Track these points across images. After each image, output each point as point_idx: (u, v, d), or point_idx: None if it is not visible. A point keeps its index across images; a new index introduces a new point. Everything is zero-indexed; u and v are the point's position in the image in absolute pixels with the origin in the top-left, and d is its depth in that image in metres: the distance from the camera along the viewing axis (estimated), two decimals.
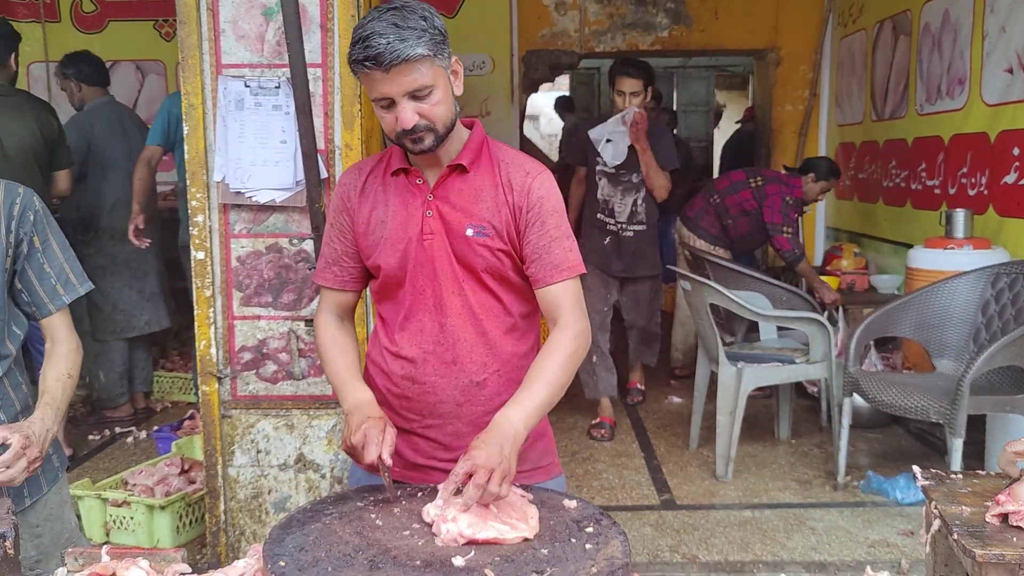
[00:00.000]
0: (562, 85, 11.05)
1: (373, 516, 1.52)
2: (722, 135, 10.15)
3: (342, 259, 1.86)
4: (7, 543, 1.44)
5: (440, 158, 1.74)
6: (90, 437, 4.59)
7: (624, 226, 4.53)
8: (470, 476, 1.47)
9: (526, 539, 1.43)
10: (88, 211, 4.60)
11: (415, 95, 1.62)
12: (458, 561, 1.34)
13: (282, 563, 1.33)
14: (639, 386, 5.14)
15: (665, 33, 6.33)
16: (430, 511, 1.47)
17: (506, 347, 1.79)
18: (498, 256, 1.74)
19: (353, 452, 1.67)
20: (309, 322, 2.74)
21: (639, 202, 4.51)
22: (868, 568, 1.54)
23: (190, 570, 1.50)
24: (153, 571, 1.47)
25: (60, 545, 1.92)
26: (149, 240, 4.41)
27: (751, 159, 7.09)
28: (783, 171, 5.13)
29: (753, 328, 4.48)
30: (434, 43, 1.61)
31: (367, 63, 1.59)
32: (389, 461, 1.62)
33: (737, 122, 9.15)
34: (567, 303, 1.75)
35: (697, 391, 4.32)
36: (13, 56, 4.05)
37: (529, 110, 8.94)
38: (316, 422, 2.79)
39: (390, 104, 1.64)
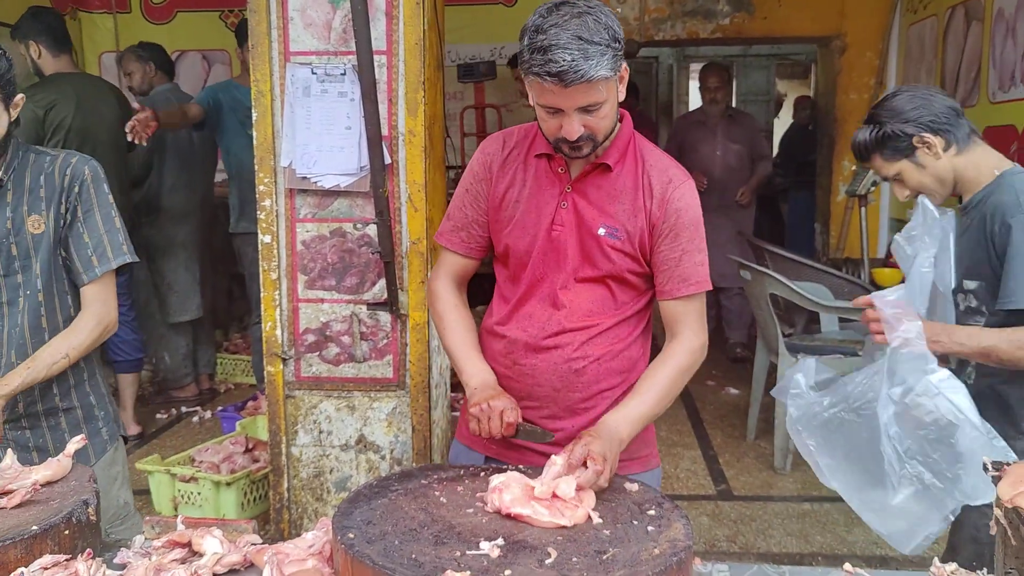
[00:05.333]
0: None
1: (437, 493, 1.55)
2: (782, 125, 9.97)
3: (471, 226, 1.83)
4: (90, 509, 1.50)
5: None
6: (157, 416, 4.75)
7: None
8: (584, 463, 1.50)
9: (562, 527, 1.40)
10: (148, 193, 4.74)
11: (586, 109, 1.59)
12: (521, 538, 1.36)
13: (351, 535, 1.36)
14: None
15: (727, 21, 6.23)
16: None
17: (611, 338, 1.78)
18: (623, 260, 1.72)
19: (482, 416, 1.67)
20: (371, 305, 2.78)
21: None
22: (936, 560, 1.51)
23: (260, 541, 1.54)
24: (226, 540, 1.52)
25: (106, 520, 1.98)
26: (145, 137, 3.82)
27: (810, 149, 6.95)
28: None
29: (813, 319, 4.41)
30: (615, 59, 1.55)
31: (547, 78, 1.52)
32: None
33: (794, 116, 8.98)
34: (690, 318, 1.73)
35: (755, 382, 4.28)
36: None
37: None
38: (376, 404, 2.84)
39: (556, 112, 1.60)
